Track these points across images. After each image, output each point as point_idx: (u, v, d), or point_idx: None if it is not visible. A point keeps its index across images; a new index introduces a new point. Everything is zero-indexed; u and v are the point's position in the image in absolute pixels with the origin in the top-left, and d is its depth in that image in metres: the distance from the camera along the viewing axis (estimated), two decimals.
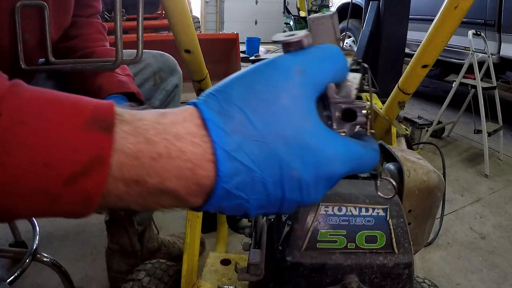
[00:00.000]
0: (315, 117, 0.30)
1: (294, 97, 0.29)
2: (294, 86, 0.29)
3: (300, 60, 0.31)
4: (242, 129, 0.28)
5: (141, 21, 0.58)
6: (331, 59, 0.33)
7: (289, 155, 0.29)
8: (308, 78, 0.30)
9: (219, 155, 0.27)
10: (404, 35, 3.18)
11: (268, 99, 0.29)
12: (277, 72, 0.30)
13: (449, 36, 0.81)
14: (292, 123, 0.29)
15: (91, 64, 0.68)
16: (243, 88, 0.29)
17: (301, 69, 0.30)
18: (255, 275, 0.49)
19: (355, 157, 0.32)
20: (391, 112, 1.06)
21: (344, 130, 0.35)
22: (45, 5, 0.63)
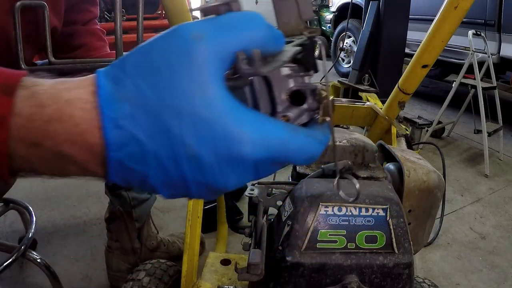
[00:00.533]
0: (216, 88, 0.27)
1: (188, 65, 0.27)
2: (188, 52, 0.27)
3: (202, 25, 0.28)
4: (132, 97, 0.27)
5: (141, 21, 0.58)
6: (244, 25, 0.29)
7: (182, 128, 0.27)
8: (206, 44, 0.27)
9: (106, 122, 0.26)
10: (404, 35, 3.18)
11: (161, 66, 0.27)
12: (174, 39, 0.28)
13: (449, 36, 0.81)
14: (184, 92, 0.27)
15: (91, 64, 0.68)
16: (139, 55, 0.28)
17: (199, 35, 0.27)
18: (255, 275, 0.49)
19: (275, 141, 0.28)
20: (391, 112, 1.07)
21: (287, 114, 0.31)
22: (44, 5, 0.63)
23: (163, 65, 0.27)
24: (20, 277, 1.29)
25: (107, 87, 0.27)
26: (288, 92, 0.32)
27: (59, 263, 1.35)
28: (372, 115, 1.14)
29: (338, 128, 1.80)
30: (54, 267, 1.26)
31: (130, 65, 0.28)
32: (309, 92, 0.32)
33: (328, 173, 0.60)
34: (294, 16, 0.38)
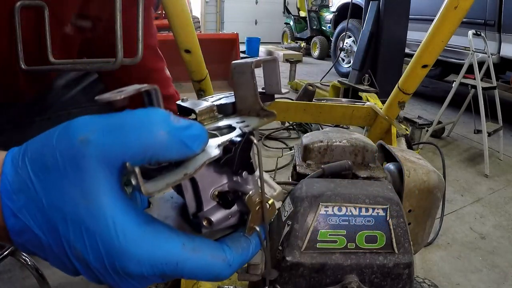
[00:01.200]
0: (103, 198, 0.26)
1: (74, 170, 0.26)
2: (74, 157, 0.26)
3: (91, 127, 0.26)
4: (26, 190, 0.27)
5: (141, 21, 0.58)
6: (137, 130, 0.26)
7: (69, 233, 0.26)
8: (92, 150, 0.26)
9: (4, 211, 0.27)
10: (404, 35, 3.19)
11: (50, 166, 0.26)
12: (63, 138, 0.27)
13: (449, 36, 0.81)
14: (69, 198, 0.26)
15: (91, 64, 0.68)
16: (36, 147, 0.28)
17: (86, 139, 0.26)
18: (255, 275, 0.49)
19: (166, 260, 0.27)
20: (391, 112, 1.07)
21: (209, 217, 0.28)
22: (44, 5, 0.63)
23: (51, 164, 0.26)
24: (20, 276, 1.29)
25: (8, 174, 0.27)
26: (216, 192, 0.29)
27: None
28: (372, 115, 1.14)
29: (338, 128, 1.80)
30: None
31: (28, 155, 0.27)
32: (240, 195, 0.29)
33: (329, 173, 0.60)
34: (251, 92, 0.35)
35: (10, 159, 0.28)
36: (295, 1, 8.21)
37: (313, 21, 7.56)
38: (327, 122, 1.23)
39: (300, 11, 8.08)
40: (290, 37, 8.49)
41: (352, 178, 0.61)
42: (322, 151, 0.64)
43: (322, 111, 1.17)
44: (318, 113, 1.17)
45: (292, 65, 4.17)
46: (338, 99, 2.03)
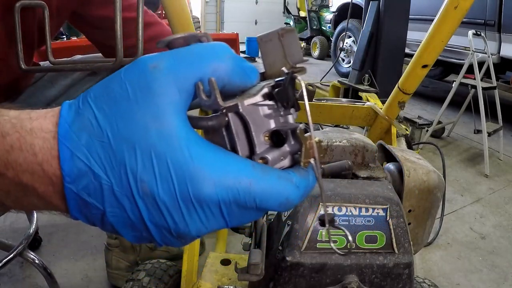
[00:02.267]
0: (173, 120, 0.25)
1: (144, 95, 0.25)
2: (145, 82, 0.26)
3: (161, 56, 0.27)
4: (89, 128, 0.25)
5: (141, 21, 0.58)
6: (205, 55, 0.27)
7: (137, 163, 0.25)
8: (164, 74, 0.26)
9: (62, 152, 0.25)
10: (404, 35, 3.19)
11: (116, 97, 0.26)
12: (132, 70, 0.27)
13: (449, 36, 0.81)
14: (139, 124, 0.25)
15: (91, 64, 0.68)
16: (100, 86, 0.27)
17: (157, 65, 0.26)
18: (255, 275, 0.49)
19: (239, 181, 0.26)
20: (391, 112, 1.06)
21: (265, 156, 0.29)
22: (45, 5, 0.63)
23: (120, 96, 0.26)
24: (20, 276, 1.29)
25: (68, 117, 0.26)
26: (267, 133, 0.30)
27: (59, 263, 1.35)
28: (372, 115, 1.14)
29: (338, 128, 1.80)
30: (54, 267, 1.26)
31: (91, 96, 0.27)
32: (290, 132, 0.30)
33: (329, 173, 0.60)
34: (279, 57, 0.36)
35: (68, 105, 0.27)
36: (295, 1, 8.21)
37: (313, 21, 7.55)
38: (327, 122, 1.23)
39: (300, 11, 8.08)
40: None
41: (352, 178, 0.61)
42: (322, 151, 0.64)
43: (322, 111, 1.17)
44: (318, 113, 1.17)
45: None
46: (338, 99, 2.03)
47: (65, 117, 0.26)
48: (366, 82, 3.13)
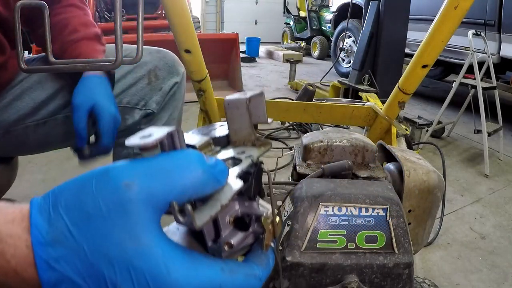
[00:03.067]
0: (149, 237, 0.27)
1: (120, 214, 0.27)
2: (119, 202, 0.27)
3: (134, 171, 0.28)
4: (63, 240, 0.27)
5: (141, 21, 0.58)
6: (178, 171, 0.28)
7: (115, 276, 0.27)
8: (138, 193, 0.27)
9: (39, 263, 0.27)
10: (404, 35, 3.19)
11: (91, 213, 0.27)
12: (105, 185, 0.27)
13: (449, 36, 0.81)
14: (116, 242, 0.27)
15: (91, 64, 0.68)
16: (71, 196, 0.28)
17: (131, 185, 0.27)
18: None
19: (210, 286, 0.29)
20: (391, 112, 1.07)
21: (230, 241, 0.31)
22: (45, 5, 0.63)
23: (94, 212, 0.27)
24: None
25: (40, 225, 0.27)
26: (232, 217, 0.32)
27: None
28: (372, 115, 1.14)
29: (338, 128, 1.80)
30: None
31: (63, 205, 0.28)
32: (254, 218, 0.32)
33: (329, 173, 0.60)
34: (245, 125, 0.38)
35: (37, 210, 0.28)
36: (295, 1, 8.21)
37: (313, 21, 7.56)
38: (327, 122, 1.23)
39: (300, 11, 8.08)
40: (290, 37, 8.49)
41: (352, 178, 0.61)
42: (322, 151, 0.64)
43: (322, 111, 1.17)
44: (318, 113, 1.17)
45: (292, 65, 4.17)
46: (338, 99, 2.03)
47: (37, 226, 0.27)
48: (366, 82, 3.13)
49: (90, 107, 0.81)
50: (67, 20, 0.89)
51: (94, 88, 0.83)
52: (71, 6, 0.92)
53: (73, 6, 0.92)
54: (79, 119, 0.81)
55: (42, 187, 1.84)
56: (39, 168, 2.01)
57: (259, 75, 5.20)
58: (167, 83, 1.00)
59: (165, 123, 1.03)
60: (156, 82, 0.99)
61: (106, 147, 0.84)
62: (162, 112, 1.01)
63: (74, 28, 0.88)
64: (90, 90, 0.83)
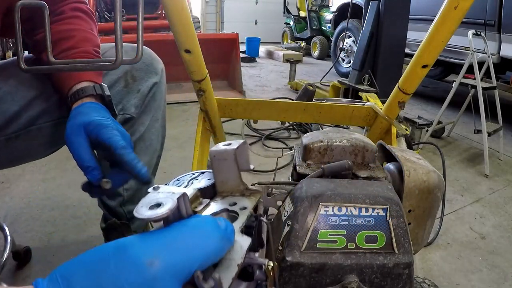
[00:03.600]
0: None
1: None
2: (145, 282, 0.26)
3: (154, 247, 0.27)
4: None
5: (141, 21, 0.58)
6: (200, 243, 0.28)
7: None
8: (163, 272, 0.26)
9: None
10: (404, 35, 3.19)
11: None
12: (126, 266, 0.26)
13: (449, 36, 0.81)
14: None
15: (91, 65, 0.68)
16: (87, 280, 0.26)
17: (154, 262, 0.26)
18: None
19: None
20: (391, 112, 1.06)
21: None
22: (45, 5, 0.63)
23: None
24: (20, 277, 1.29)
25: None
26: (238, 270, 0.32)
27: (59, 263, 1.35)
28: (372, 115, 1.14)
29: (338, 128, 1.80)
30: (54, 267, 1.26)
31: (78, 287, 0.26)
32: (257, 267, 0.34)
33: (329, 173, 0.60)
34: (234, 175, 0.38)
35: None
36: (295, 1, 8.21)
37: (313, 21, 7.55)
38: (327, 122, 1.23)
39: (300, 11, 8.08)
40: (290, 37, 8.49)
41: (352, 178, 0.61)
42: (322, 151, 0.64)
43: (322, 111, 1.17)
44: (318, 113, 1.17)
45: (292, 65, 4.17)
46: (338, 99, 2.03)
47: None
48: (366, 82, 3.13)
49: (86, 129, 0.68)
50: (69, 32, 0.83)
51: (86, 114, 0.70)
52: (76, 18, 0.86)
53: (78, 18, 0.86)
54: (79, 147, 0.66)
55: (42, 187, 1.84)
56: (39, 168, 2.01)
57: (259, 75, 5.20)
58: (145, 84, 0.94)
59: (147, 127, 0.98)
60: (133, 84, 0.93)
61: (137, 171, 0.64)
62: (143, 115, 0.96)
63: (76, 42, 0.82)
64: (80, 115, 0.70)
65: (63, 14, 0.84)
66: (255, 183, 0.64)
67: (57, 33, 0.81)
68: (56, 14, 0.84)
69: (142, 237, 0.28)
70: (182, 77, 3.61)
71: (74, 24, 0.84)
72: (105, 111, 0.74)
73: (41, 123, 0.85)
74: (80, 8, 0.87)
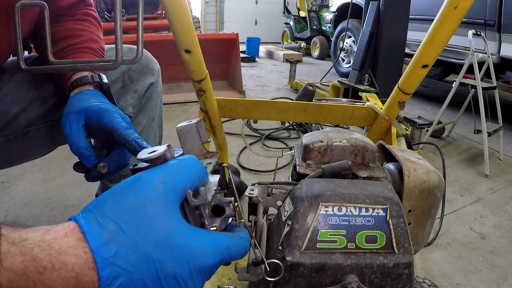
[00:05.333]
0: (179, 220, 0.36)
1: (158, 205, 0.35)
2: (157, 196, 0.35)
3: (161, 173, 0.37)
4: (117, 238, 0.32)
5: (141, 21, 0.58)
6: (188, 170, 0.39)
7: (161, 255, 0.34)
8: (168, 188, 0.36)
9: (99, 262, 0.31)
10: (404, 35, 3.19)
11: (137, 209, 0.34)
12: (143, 186, 0.36)
13: (449, 36, 0.81)
14: (158, 227, 0.34)
15: (91, 64, 0.68)
16: (115, 202, 0.35)
17: (162, 181, 0.36)
18: (255, 275, 0.49)
19: (222, 247, 0.38)
20: (391, 112, 1.06)
21: (215, 225, 0.41)
22: (45, 5, 0.63)
23: (138, 208, 0.34)
24: None
25: (93, 232, 0.32)
26: (210, 208, 0.41)
27: None
28: (372, 115, 1.14)
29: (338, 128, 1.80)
30: None
31: (109, 211, 0.34)
32: (226, 204, 0.41)
33: (329, 173, 0.60)
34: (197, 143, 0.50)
35: (85, 222, 0.33)
36: (295, 1, 8.20)
37: (313, 21, 7.55)
38: (327, 122, 1.23)
39: (300, 11, 8.08)
40: (290, 37, 8.49)
41: (352, 178, 0.61)
42: (322, 151, 0.64)
43: (322, 111, 1.17)
44: (318, 113, 1.17)
45: (292, 65, 4.17)
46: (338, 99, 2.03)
47: (90, 233, 0.32)
48: (366, 82, 3.13)
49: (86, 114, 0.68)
50: (79, 31, 0.85)
51: (84, 100, 0.70)
52: (86, 21, 0.88)
53: (88, 21, 0.88)
54: (75, 133, 0.67)
55: (42, 187, 1.84)
56: (39, 168, 2.01)
57: (259, 75, 5.19)
58: (141, 84, 0.95)
59: (144, 126, 0.99)
60: (130, 84, 0.94)
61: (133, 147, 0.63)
62: (140, 115, 0.98)
63: (83, 40, 0.83)
64: (79, 101, 0.70)
65: (75, 16, 0.87)
66: (255, 183, 0.64)
67: (66, 30, 0.84)
68: (69, 15, 0.87)
69: (150, 170, 0.38)
70: (182, 77, 3.61)
71: (83, 26, 0.87)
72: (103, 97, 0.74)
73: (39, 124, 0.86)
74: (90, 14, 0.90)
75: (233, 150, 2.34)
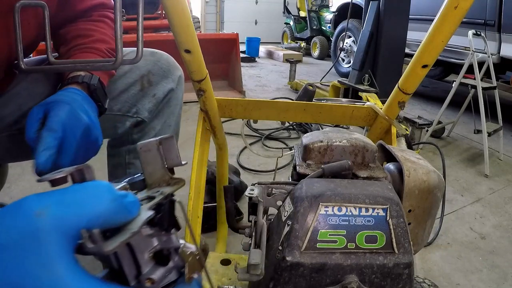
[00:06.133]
0: (61, 266, 0.28)
1: (32, 243, 0.27)
2: (31, 231, 0.27)
3: (45, 201, 0.29)
4: None
5: (141, 21, 0.58)
6: (87, 201, 0.30)
7: None
8: (48, 222, 0.28)
9: None
10: (404, 35, 3.19)
11: (5, 243, 0.27)
12: (16, 216, 0.28)
13: (449, 36, 0.81)
14: (30, 272, 0.27)
15: (91, 65, 0.68)
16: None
17: (42, 213, 0.28)
18: (255, 275, 0.49)
19: None
20: (391, 112, 1.06)
21: (151, 277, 0.32)
22: (45, 5, 0.63)
23: (7, 243, 0.27)
24: None
25: None
26: (151, 252, 0.32)
27: None
28: (372, 115, 1.14)
29: (338, 128, 1.80)
30: None
31: None
32: (173, 250, 0.33)
33: (329, 173, 0.60)
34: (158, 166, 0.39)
35: None
36: (295, 1, 8.21)
37: (313, 21, 7.55)
38: (327, 122, 1.23)
39: (300, 11, 8.08)
40: (290, 37, 8.49)
41: (352, 178, 0.61)
42: (322, 151, 0.64)
43: (322, 111, 1.17)
44: (318, 113, 1.17)
45: (292, 65, 4.17)
46: (338, 99, 2.03)
47: None
48: (366, 82, 3.13)
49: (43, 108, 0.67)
50: (89, 31, 0.85)
51: (59, 95, 0.69)
52: (101, 22, 0.88)
53: (102, 22, 0.88)
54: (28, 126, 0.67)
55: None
56: None
57: (259, 75, 5.19)
58: (161, 89, 0.95)
59: (158, 132, 0.97)
60: (149, 88, 0.93)
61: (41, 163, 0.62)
62: (155, 120, 0.96)
63: (92, 40, 0.83)
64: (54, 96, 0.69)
65: (91, 17, 0.87)
66: (255, 183, 0.64)
67: (77, 30, 0.83)
68: (85, 17, 0.87)
69: (40, 194, 0.30)
70: None
71: (96, 26, 0.86)
72: (79, 96, 0.73)
73: None
74: (107, 15, 0.90)
75: (233, 150, 2.34)
